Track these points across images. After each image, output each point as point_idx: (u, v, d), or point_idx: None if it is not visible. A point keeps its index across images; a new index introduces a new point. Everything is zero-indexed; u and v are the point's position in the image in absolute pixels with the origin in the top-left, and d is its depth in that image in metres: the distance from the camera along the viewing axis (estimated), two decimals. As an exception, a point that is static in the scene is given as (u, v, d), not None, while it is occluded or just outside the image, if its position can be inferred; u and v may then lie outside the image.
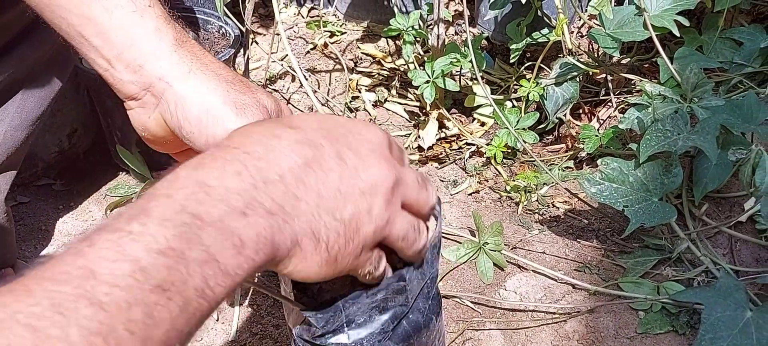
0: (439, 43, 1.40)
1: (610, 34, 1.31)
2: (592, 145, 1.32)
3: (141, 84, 0.57)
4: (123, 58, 0.57)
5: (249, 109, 0.56)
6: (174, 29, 0.59)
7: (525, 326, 1.09)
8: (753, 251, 1.17)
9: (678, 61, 1.30)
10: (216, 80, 0.57)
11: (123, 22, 0.57)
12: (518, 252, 1.20)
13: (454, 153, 1.45)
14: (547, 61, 1.41)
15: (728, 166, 1.14)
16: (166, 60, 0.57)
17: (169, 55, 0.57)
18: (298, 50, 1.76)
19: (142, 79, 0.57)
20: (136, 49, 0.57)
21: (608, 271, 1.17)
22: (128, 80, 0.57)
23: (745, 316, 0.98)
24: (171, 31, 0.58)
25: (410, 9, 1.72)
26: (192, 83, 0.57)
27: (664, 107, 1.19)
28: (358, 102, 1.59)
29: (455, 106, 1.55)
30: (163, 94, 0.57)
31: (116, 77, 0.58)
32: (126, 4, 0.57)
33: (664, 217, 1.11)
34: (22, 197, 1.34)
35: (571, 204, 1.31)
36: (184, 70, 0.57)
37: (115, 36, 0.57)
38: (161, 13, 0.59)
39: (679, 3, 1.30)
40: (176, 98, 0.56)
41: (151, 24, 0.57)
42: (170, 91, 0.57)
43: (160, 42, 0.57)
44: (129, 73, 0.57)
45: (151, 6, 0.58)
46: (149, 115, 0.59)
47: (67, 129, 1.36)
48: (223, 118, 0.56)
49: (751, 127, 1.14)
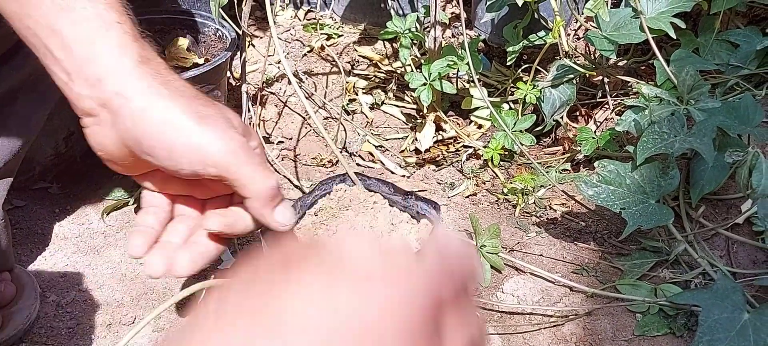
0: (435, 45, 1.40)
1: (607, 36, 1.31)
2: (589, 147, 1.32)
3: (97, 99, 0.56)
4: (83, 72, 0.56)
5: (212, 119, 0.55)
6: (140, 47, 0.58)
7: (523, 329, 1.09)
8: (750, 253, 1.17)
9: (674, 63, 1.30)
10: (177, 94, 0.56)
11: (87, 36, 0.56)
12: (515, 255, 1.20)
13: (451, 156, 1.45)
14: (543, 64, 1.42)
15: (725, 168, 1.15)
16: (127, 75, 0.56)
17: (130, 70, 0.56)
18: (295, 53, 1.76)
19: (99, 93, 0.56)
20: (96, 64, 0.56)
21: (606, 273, 1.17)
22: (86, 95, 0.57)
23: (743, 318, 0.98)
24: (136, 49, 0.57)
25: (407, 12, 1.72)
26: (152, 98, 0.55)
27: (660, 109, 1.19)
28: (355, 105, 1.59)
29: (452, 109, 1.55)
30: (120, 110, 0.56)
31: (74, 91, 0.57)
32: (92, 19, 0.57)
33: (661, 219, 1.11)
34: (19, 201, 1.33)
35: (568, 206, 1.31)
36: (144, 86, 0.56)
37: (78, 49, 0.56)
38: (129, 30, 0.58)
39: (676, 5, 1.31)
40: (134, 113, 0.55)
41: (115, 39, 0.57)
42: (128, 106, 0.55)
43: (122, 57, 0.56)
44: (86, 87, 0.56)
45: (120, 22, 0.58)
46: (105, 133, 0.58)
47: (63, 132, 1.36)
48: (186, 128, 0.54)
49: (748, 129, 1.14)
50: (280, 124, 1.56)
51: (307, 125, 1.54)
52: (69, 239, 1.27)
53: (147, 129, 0.55)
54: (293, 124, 1.56)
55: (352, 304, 0.28)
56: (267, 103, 1.61)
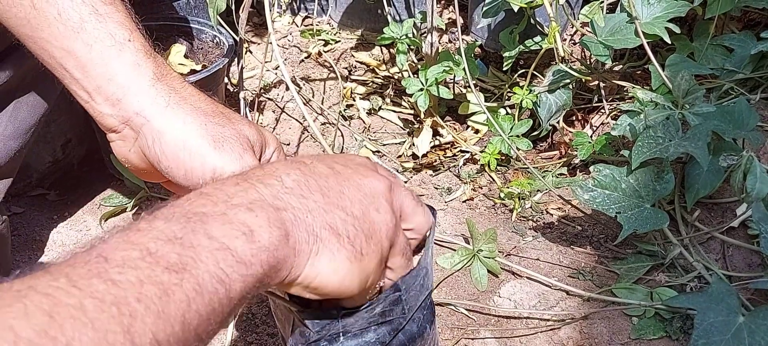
0: (432, 51, 1.40)
1: (602, 41, 1.31)
2: (585, 151, 1.33)
3: (120, 118, 0.58)
4: (102, 92, 0.57)
5: (228, 143, 0.56)
6: (154, 63, 0.59)
7: (520, 333, 1.09)
8: (745, 256, 1.18)
9: (669, 67, 1.31)
10: (194, 114, 0.57)
11: (102, 57, 0.57)
12: (512, 259, 1.21)
13: (448, 160, 1.46)
14: (540, 69, 1.42)
15: (720, 172, 1.15)
16: (144, 95, 0.57)
17: (147, 89, 0.57)
18: (292, 59, 1.76)
19: (121, 113, 0.57)
20: (114, 84, 0.57)
21: (602, 277, 1.17)
22: (108, 113, 0.58)
23: (738, 321, 0.99)
24: (151, 65, 0.58)
25: (404, 17, 1.73)
26: (169, 118, 0.56)
27: (655, 114, 1.19)
28: (353, 110, 1.59)
29: (449, 114, 1.56)
30: (141, 128, 0.57)
31: (96, 110, 0.58)
32: (105, 39, 0.58)
33: (656, 223, 1.11)
34: (17, 208, 1.34)
35: (564, 211, 1.32)
36: (162, 105, 0.57)
37: (94, 69, 0.57)
38: (141, 46, 0.59)
39: (670, 10, 1.31)
40: (153, 133, 0.56)
41: (130, 58, 0.58)
42: (148, 126, 0.57)
43: (138, 76, 0.57)
44: (108, 106, 0.58)
45: (131, 40, 0.59)
46: (130, 147, 0.59)
47: (61, 139, 1.36)
48: (201, 152, 0.55)
49: (743, 133, 1.15)
50: (278, 130, 1.57)
51: (305, 131, 1.55)
52: (67, 245, 1.27)
53: (164, 150, 0.56)
54: (291, 130, 1.56)
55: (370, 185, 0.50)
56: (265, 109, 1.61)
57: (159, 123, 0.56)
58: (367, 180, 0.50)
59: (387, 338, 0.53)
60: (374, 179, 0.50)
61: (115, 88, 0.57)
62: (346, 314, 0.51)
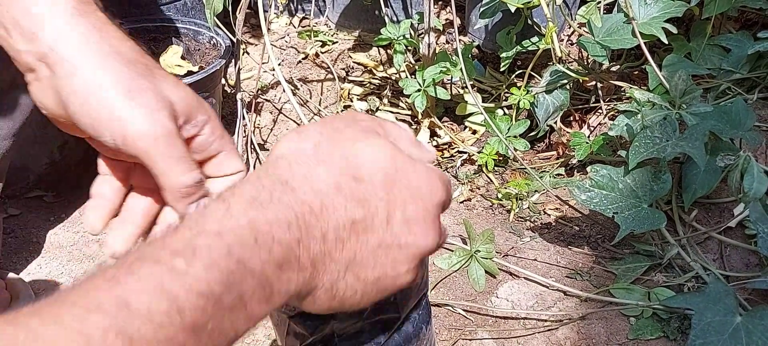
0: (429, 51, 1.40)
1: (599, 42, 1.31)
2: (582, 152, 1.33)
3: (35, 53, 0.52)
4: (19, 25, 0.53)
5: (143, 94, 0.51)
6: None
7: (517, 333, 1.09)
8: (742, 256, 1.18)
9: (666, 68, 1.31)
10: (112, 57, 0.52)
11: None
12: (510, 259, 1.21)
13: (445, 161, 1.46)
14: (537, 69, 1.42)
15: (717, 172, 1.15)
16: (61, 29, 0.52)
17: (64, 23, 0.52)
18: (289, 60, 1.76)
19: (37, 48, 0.52)
20: (31, 16, 0.52)
21: (599, 277, 1.17)
22: (24, 50, 0.53)
23: (735, 321, 0.99)
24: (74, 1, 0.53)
25: (401, 18, 1.73)
26: (84, 56, 0.51)
27: (653, 114, 1.19)
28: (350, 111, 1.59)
29: (447, 115, 1.56)
30: (55, 66, 0.52)
31: (12, 47, 0.53)
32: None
33: (653, 223, 1.11)
34: (13, 209, 1.33)
35: (562, 211, 1.32)
36: (80, 41, 0.52)
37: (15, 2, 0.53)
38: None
39: (667, 11, 1.31)
40: (65, 71, 0.51)
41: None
42: (60, 65, 0.51)
43: (55, 7, 0.52)
44: (24, 42, 0.53)
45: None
46: (45, 89, 0.53)
47: (58, 141, 1.36)
48: (111, 101, 0.50)
49: (740, 133, 1.15)
50: (275, 131, 1.56)
51: (301, 132, 1.54)
52: (64, 246, 1.27)
53: (74, 91, 0.51)
54: (288, 131, 1.56)
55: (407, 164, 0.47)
56: (262, 110, 1.61)
57: (72, 62, 0.51)
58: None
59: (382, 339, 0.53)
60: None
61: (31, 21, 0.52)
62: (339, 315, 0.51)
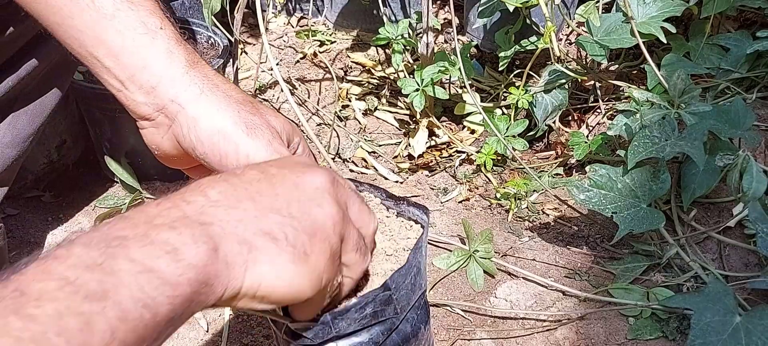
0: (428, 51, 1.40)
1: (598, 41, 1.31)
2: (581, 151, 1.33)
3: (154, 106, 0.59)
4: (136, 80, 0.58)
5: (259, 130, 0.57)
6: (185, 51, 0.60)
7: (516, 334, 1.09)
8: (742, 255, 1.18)
9: (665, 67, 1.31)
10: (227, 101, 0.58)
11: (135, 45, 0.58)
12: (508, 259, 1.21)
13: (444, 161, 1.46)
14: (536, 69, 1.42)
15: (716, 171, 1.15)
16: (178, 82, 0.58)
17: (181, 77, 0.58)
18: (288, 60, 1.76)
19: (156, 100, 0.58)
20: (148, 72, 0.58)
21: (598, 277, 1.17)
22: (142, 102, 0.59)
23: (735, 321, 0.99)
24: (182, 53, 0.59)
25: (399, 18, 1.73)
26: (204, 105, 0.58)
27: (651, 113, 1.19)
28: (348, 111, 1.59)
29: (445, 114, 1.55)
30: (176, 116, 0.58)
31: (130, 98, 0.59)
32: (137, 26, 0.58)
33: (652, 223, 1.11)
34: (11, 209, 1.33)
35: (561, 211, 1.32)
36: (196, 92, 0.58)
37: (128, 58, 0.58)
38: (172, 34, 0.60)
39: (666, 10, 1.31)
40: (188, 120, 0.58)
41: (163, 46, 0.59)
42: (183, 113, 0.58)
43: (172, 64, 0.58)
44: (142, 94, 0.58)
45: (163, 28, 0.59)
46: (163, 135, 0.60)
47: (56, 141, 1.36)
48: (235, 138, 0.57)
49: (739, 132, 1.15)
50: (274, 131, 1.56)
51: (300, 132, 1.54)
52: (62, 247, 1.27)
53: (200, 136, 0.57)
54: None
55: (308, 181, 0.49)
56: (260, 109, 1.61)
57: (194, 110, 0.58)
58: (305, 177, 0.49)
59: (380, 339, 0.53)
60: (312, 175, 0.49)
61: (149, 76, 0.58)
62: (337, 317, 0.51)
